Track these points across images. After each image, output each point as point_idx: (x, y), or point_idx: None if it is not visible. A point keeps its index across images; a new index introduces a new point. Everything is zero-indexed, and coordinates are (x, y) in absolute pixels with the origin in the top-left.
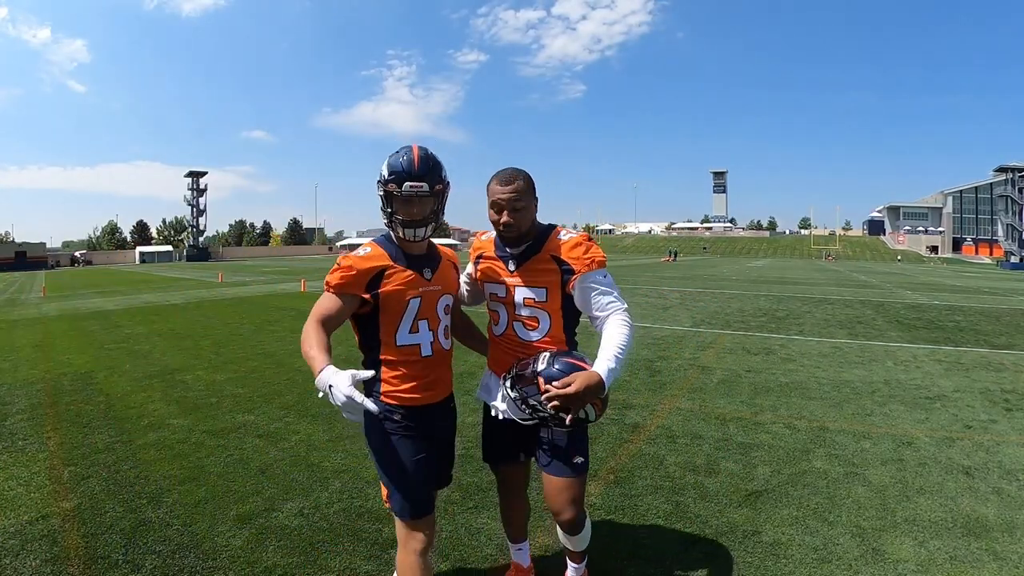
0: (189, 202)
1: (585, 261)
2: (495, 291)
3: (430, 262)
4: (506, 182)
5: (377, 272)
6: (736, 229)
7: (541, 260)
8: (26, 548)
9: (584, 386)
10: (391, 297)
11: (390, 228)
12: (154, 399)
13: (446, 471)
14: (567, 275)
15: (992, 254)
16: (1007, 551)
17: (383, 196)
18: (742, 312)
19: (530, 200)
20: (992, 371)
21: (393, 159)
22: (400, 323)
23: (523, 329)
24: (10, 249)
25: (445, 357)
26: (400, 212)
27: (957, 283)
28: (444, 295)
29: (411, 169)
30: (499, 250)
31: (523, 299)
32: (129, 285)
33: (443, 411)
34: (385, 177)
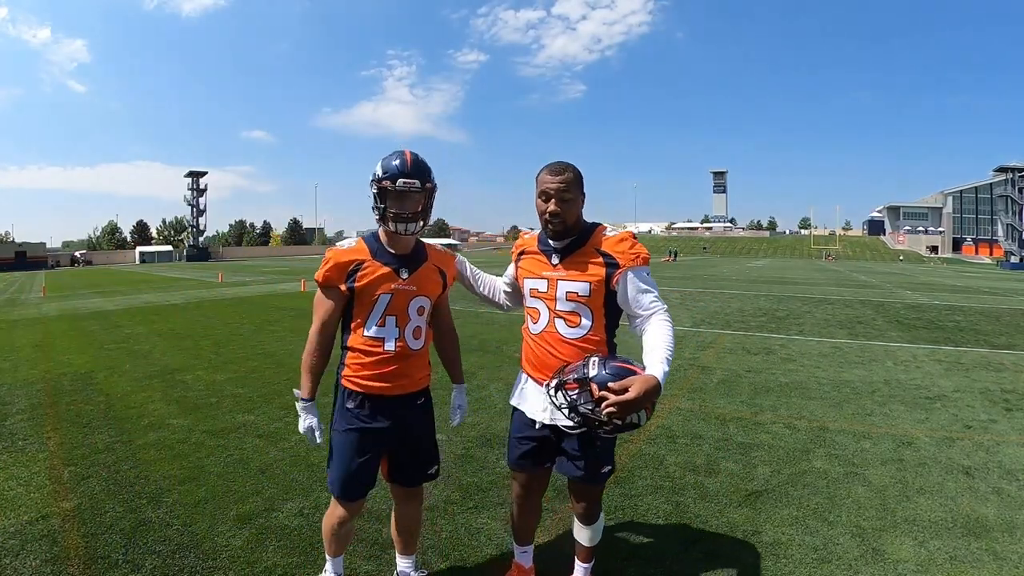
0: (189, 202)
1: (631, 256)
2: (536, 286)
3: (411, 262)
4: (557, 172)
5: (354, 265)
6: (736, 229)
7: (586, 253)
8: (26, 548)
9: (643, 391)
10: (363, 290)
11: (381, 224)
12: (154, 399)
13: (418, 469)
14: (612, 269)
15: (992, 254)
16: (1007, 551)
17: (376, 193)
18: (742, 312)
19: (578, 193)
20: (992, 371)
21: (386, 160)
22: (369, 315)
23: (564, 326)
24: (10, 249)
25: (411, 356)
26: (393, 207)
27: (957, 283)
28: (419, 296)
29: (404, 168)
30: (542, 244)
31: (565, 293)
32: (129, 285)
33: (407, 407)
34: (379, 175)
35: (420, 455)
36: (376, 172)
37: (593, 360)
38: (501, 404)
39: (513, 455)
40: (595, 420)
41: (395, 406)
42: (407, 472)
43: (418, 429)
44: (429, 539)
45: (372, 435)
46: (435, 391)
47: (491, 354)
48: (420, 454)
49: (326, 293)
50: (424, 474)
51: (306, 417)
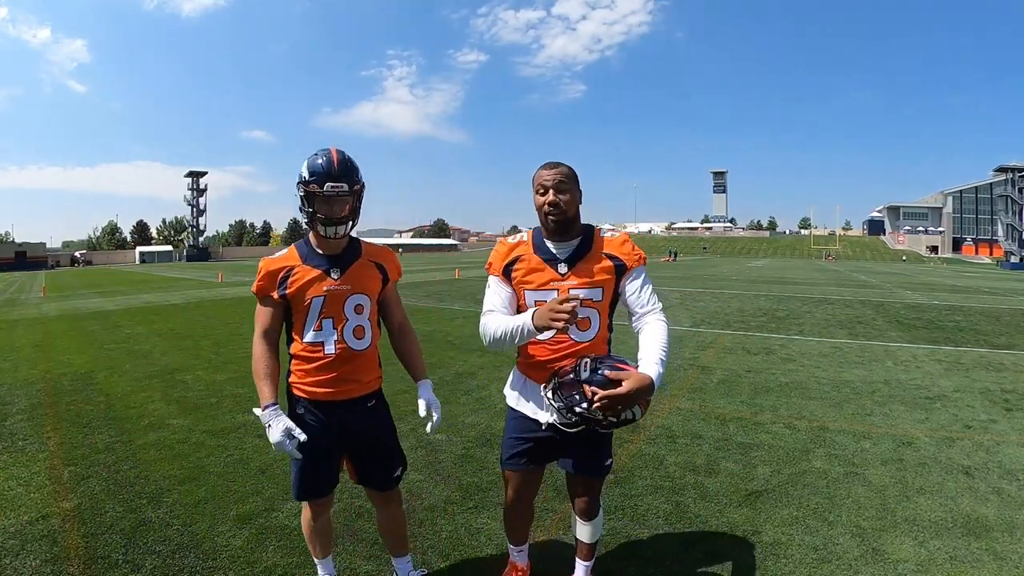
0: (189, 202)
1: (635, 257)
2: (544, 298)
3: (342, 262)
4: (552, 166)
5: (284, 273)
6: (736, 229)
7: (595, 259)
8: (26, 548)
9: (636, 387)
10: (295, 297)
11: (310, 227)
12: (154, 399)
13: (382, 472)
14: (621, 271)
15: (992, 254)
16: (1007, 551)
17: (303, 196)
18: (742, 312)
19: (575, 188)
20: (992, 371)
21: (312, 161)
22: (305, 321)
23: (576, 331)
24: (10, 249)
25: (355, 357)
26: (321, 211)
27: (957, 283)
28: (355, 295)
29: (331, 170)
30: (542, 252)
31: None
32: (129, 285)
33: (355, 411)
34: (306, 178)
35: (381, 458)
36: (302, 174)
37: (585, 362)
38: (501, 404)
39: (509, 455)
40: (591, 417)
41: (342, 411)
42: (372, 475)
43: (372, 432)
44: (429, 539)
45: (323, 439)
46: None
47: (491, 354)
48: (381, 457)
49: (262, 303)
50: (390, 477)
51: (276, 422)
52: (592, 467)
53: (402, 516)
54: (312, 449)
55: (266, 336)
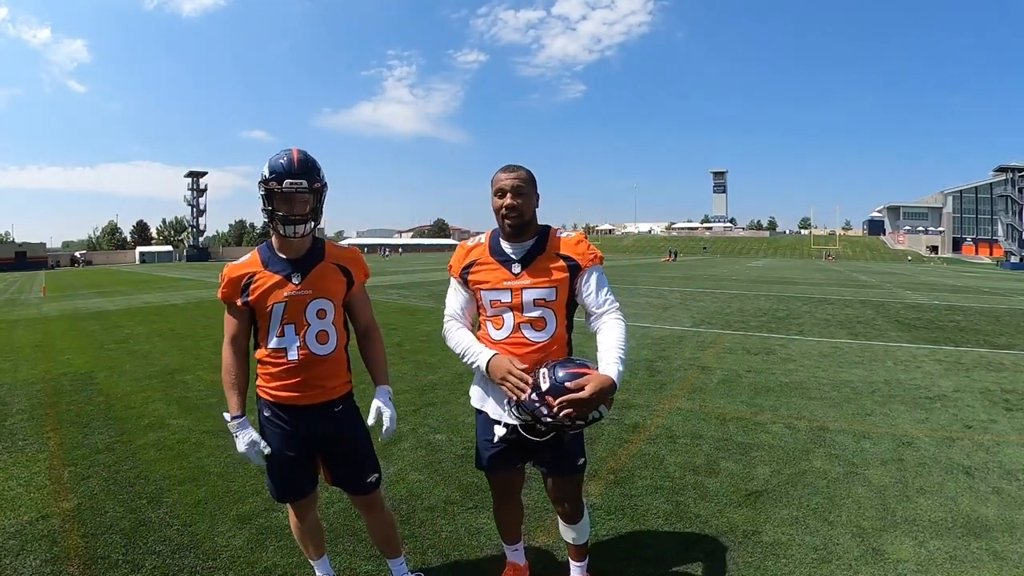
0: (189, 202)
1: (589, 256)
2: (498, 298)
3: (303, 266)
4: (511, 170)
5: (246, 279)
6: (736, 229)
7: (548, 259)
8: (26, 548)
9: (597, 389)
10: (257, 303)
11: (271, 226)
12: (154, 399)
13: (355, 476)
14: (575, 271)
15: (992, 254)
16: (1007, 551)
17: (264, 195)
18: (742, 312)
19: (532, 191)
20: (992, 371)
21: (273, 160)
22: (268, 327)
23: (531, 330)
24: (10, 249)
25: (318, 362)
26: (281, 209)
27: (957, 283)
28: (316, 300)
29: (291, 168)
30: (497, 254)
31: (533, 300)
32: (129, 285)
33: (322, 416)
34: (266, 176)
35: (354, 462)
36: (263, 173)
37: (543, 372)
38: None
39: (483, 459)
40: (558, 424)
41: (308, 415)
42: (345, 479)
43: (342, 438)
44: (429, 539)
45: (291, 441)
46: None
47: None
48: (354, 461)
49: (228, 311)
50: (364, 482)
51: (243, 434)
52: (565, 467)
53: (389, 519)
54: (281, 453)
55: (234, 343)
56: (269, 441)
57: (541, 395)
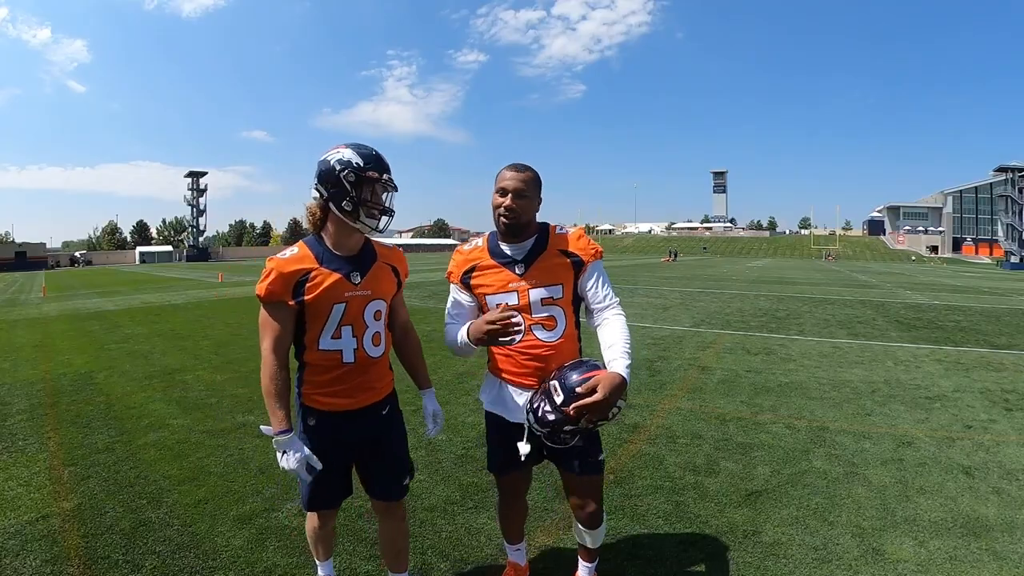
0: (189, 202)
1: (591, 252)
2: (505, 301)
3: (360, 264)
4: (517, 169)
5: (301, 276)
6: (736, 229)
7: (551, 256)
8: (26, 548)
9: (610, 389)
10: (314, 303)
11: (348, 217)
12: (154, 399)
13: (391, 481)
14: (578, 267)
15: (992, 254)
16: (1007, 551)
17: (353, 182)
18: (742, 312)
19: (535, 194)
20: (992, 371)
21: (358, 150)
22: (323, 328)
23: (543, 331)
24: (10, 249)
25: (372, 364)
26: (374, 199)
27: (957, 283)
28: (374, 300)
29: (383, 161)
30: (498, 256)
31: (540, 299)
32: (129, 285)
33: (371, 419)
34: (360, 164)
35: (391, 467)
36: (353, 160)
37: (553, 384)
38: None
39: (496, 461)
40: (581, 429)
41: (358, 420)
42: (379, 485)
43: (385, 440)
44: (429, 539)
45: (337, 451)
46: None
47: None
48: (391, 466)
49: (272, 310)
50: (399, 486)
51: (292, 450)
52: (585, 464)
53: (406, 530)
54: (325, 462)
55: (277, 349)
56: (314, 452)
57: (557, 407)
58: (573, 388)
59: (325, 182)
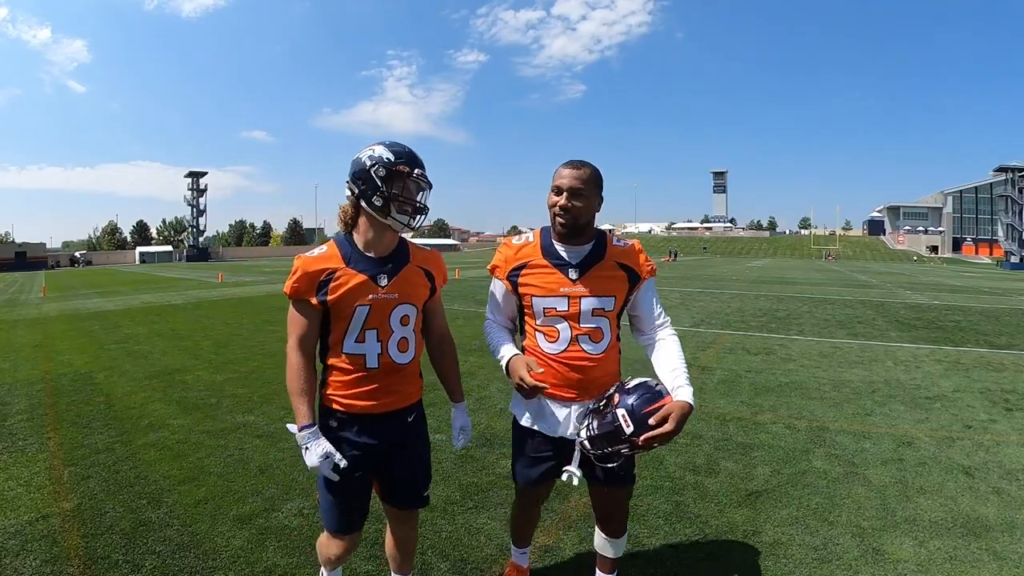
0: (189, 202)
1: (647, 268)
2: (553, 305)
3: (390, 266)
4: (575, 167)
5: (326, 276)
6: (736, 229)
7: (607, 267)
8: (26, 548)
9: (681, 419)
10: (337, 304)
11: (379, 213)
12: (154, 399)
13: (412, 491)
14: (633, 282)
15: (992, 254)
16: (1007, 551)
17: (383, 177)
18: (742, 312)
19: (594, 192)
20: (992, 371)
21: (391, 147)
22: (347, 331)
23: (589, 343)
24: (10, 249)
25: (397, 370)
26: (405, 195)
27: (957, 283)
28: (401, 304)
29: (416, 157)
30: (551, 257)
31: (591, 309)
32: (129, 285)
33: (396, 425)
34: (391, 159)
35: (414, 476)
36: (383, 156)
37: (621, 414)
38: (502, 404)
39: (529, 475)
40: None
41: (383, 425)
42: (400, 494)
43: (410, 449)
44: (429, 539)
45: (360, 455)
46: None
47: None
48: (414, 475)
49: (298, 308)
50: (419, 496)
51: (315, 445)
52: (620, 478)
53: (415, 535)
54: (345, 472)
55: (302, 346)
56: None
57: (628, 438)
58: (645, 419)
59: (357, 179)
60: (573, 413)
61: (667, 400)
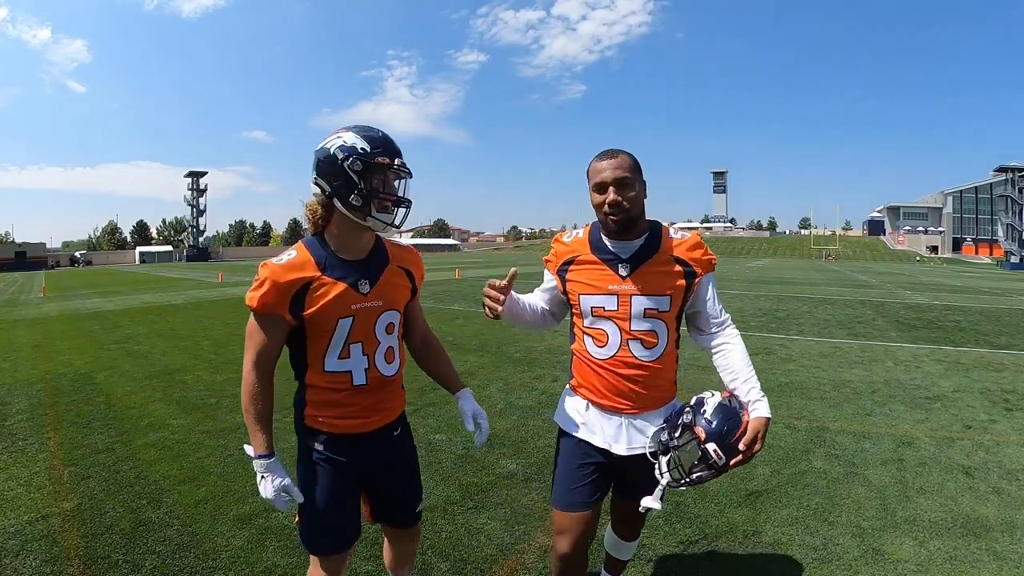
0: (189, 202)
1: (706, 262)
2: (602, 304)
3: (370, 269)
4: (610, 156)
5: (301, 287)
6: (736, 229)
7: (661, 262)
8: (26, 548)
9: (762, 436)
10: (317, 319)
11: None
12: (154, 399)
13: (404, 508)
14: (691, 278)
15: (992, 254)
16: (1007, 551)
17: (360, 172)
18: (742, 312)
19: (638, 179)
20: (992, 371)
21: (365, 132)
22: (328, 347)
23: (641, 348)
24: (10, 249)
25: (385, 384)
26: (386, 189)
27: (957, 283)
28: (386, 312)
29: (393, 143)
30: (600, 252)
31: (643, 310)
32: (129, 285)
33: (383, 441)
34: (366, 149)
35: (404, 493)
36: (354, 146)
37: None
38: (501, 404)
39: (573, 493)
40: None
41: (369, 443)
42: (393, 513)
43: (399, 464)
44: (429, 539)
45: (347, 476)
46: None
47: (491, 354)
48: (404, 492)
49: (263, 322)
50: (412, 513)
51: (272, 477)
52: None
53: (416, 549)
54: (332, 493)
55: (263, 364)
56: (321, 480)
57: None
58: (734, 446)
59: (327, 174)
60: (624, 426)
61: (746, 417)
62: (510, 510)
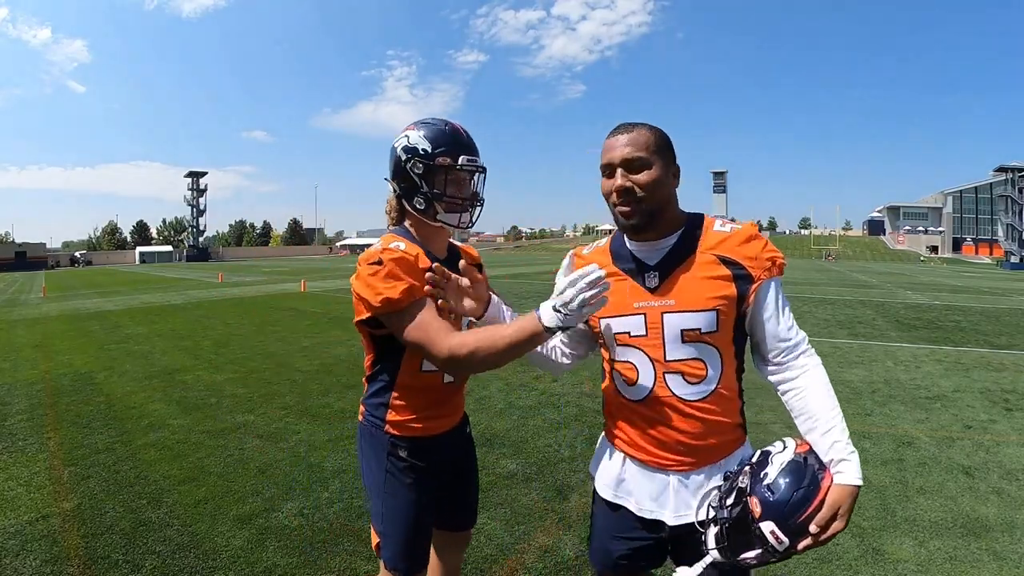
0: (189, 202)
1: (767, 262)
2: (626, 328)
3: (452, 266)
4: (626, 130)
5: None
6: None
7: (702, 264)
8: (26, 548)
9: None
10: None
11: (424, 215)
12: (154, 399)
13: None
14: (744, 284)
15: (992, 254)
16: (1007, 551)
17: (422, 173)
18: None
19: (660, 161)
20: (992, 371)
21: (430, 129)
22: None
23: (681, 383)
24: (10, 249)
25: (463, 380)
26: (451, 190)
27: (957, 283)
28: None
29: (462, 140)
30: (621, 261)
31: (680, 332)
32: (129, 285)
33: (456, 439)
34: (429, 150)
35: (469, 491)
36: (417, 147)
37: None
38: (501, 404)
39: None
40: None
41: (448, 442)
42: (458, 515)
43: (468, 462)
44: None
45: (431, 484)
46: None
47: None
48: (469, 490)
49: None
50: (474, 511)
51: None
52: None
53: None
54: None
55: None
56: (407, 492)
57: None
58: (803, 527)
59: (395, 175)
60: (672, 487)
61: (826, 483)
62: (510, 510)
